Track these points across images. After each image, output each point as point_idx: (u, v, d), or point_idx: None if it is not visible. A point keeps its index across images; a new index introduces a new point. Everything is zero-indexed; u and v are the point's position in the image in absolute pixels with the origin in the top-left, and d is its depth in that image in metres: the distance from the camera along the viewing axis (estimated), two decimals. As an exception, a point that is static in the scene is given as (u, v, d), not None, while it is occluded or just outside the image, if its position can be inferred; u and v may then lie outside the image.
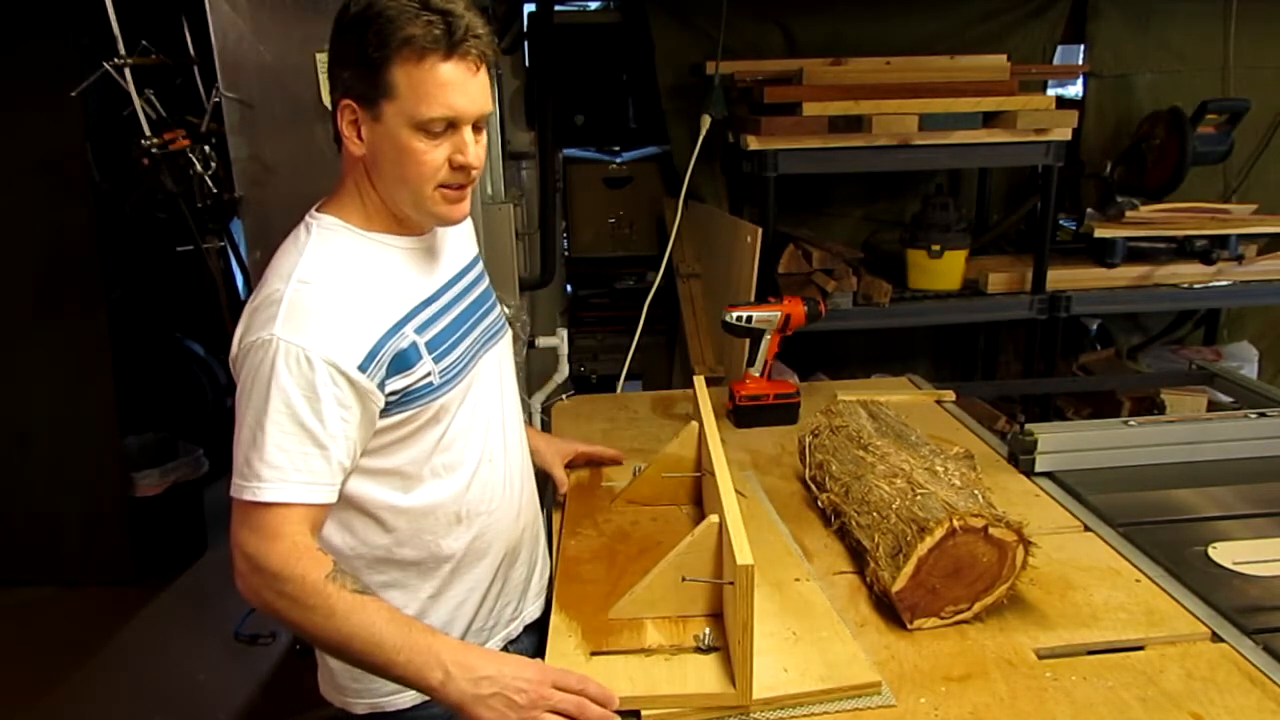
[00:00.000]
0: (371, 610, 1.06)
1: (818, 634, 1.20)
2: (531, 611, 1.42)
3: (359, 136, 1.14)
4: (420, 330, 1.18)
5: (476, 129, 1.15)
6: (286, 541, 1.06)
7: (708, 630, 1.17)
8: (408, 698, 1.26)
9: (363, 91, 1.11)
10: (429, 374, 1.17)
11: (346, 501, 1.17)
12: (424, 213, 1.18)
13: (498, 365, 1.34)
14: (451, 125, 1.12)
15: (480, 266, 1.41)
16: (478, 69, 1.12)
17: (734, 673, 1.10)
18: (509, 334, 1.41)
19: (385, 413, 1.14)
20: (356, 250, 1.17)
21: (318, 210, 1.20)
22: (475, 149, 1.14)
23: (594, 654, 1.16)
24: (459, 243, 1.34)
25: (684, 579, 1.20)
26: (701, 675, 1.12)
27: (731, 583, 1.09)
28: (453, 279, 1.29)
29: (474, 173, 1.16)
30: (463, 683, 1.03)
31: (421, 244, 1.24)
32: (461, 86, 1.11)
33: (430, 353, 1.18)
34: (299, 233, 1.19)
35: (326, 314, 1.09)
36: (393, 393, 1.14)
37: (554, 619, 1.25)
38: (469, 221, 1.32)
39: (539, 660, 1.10)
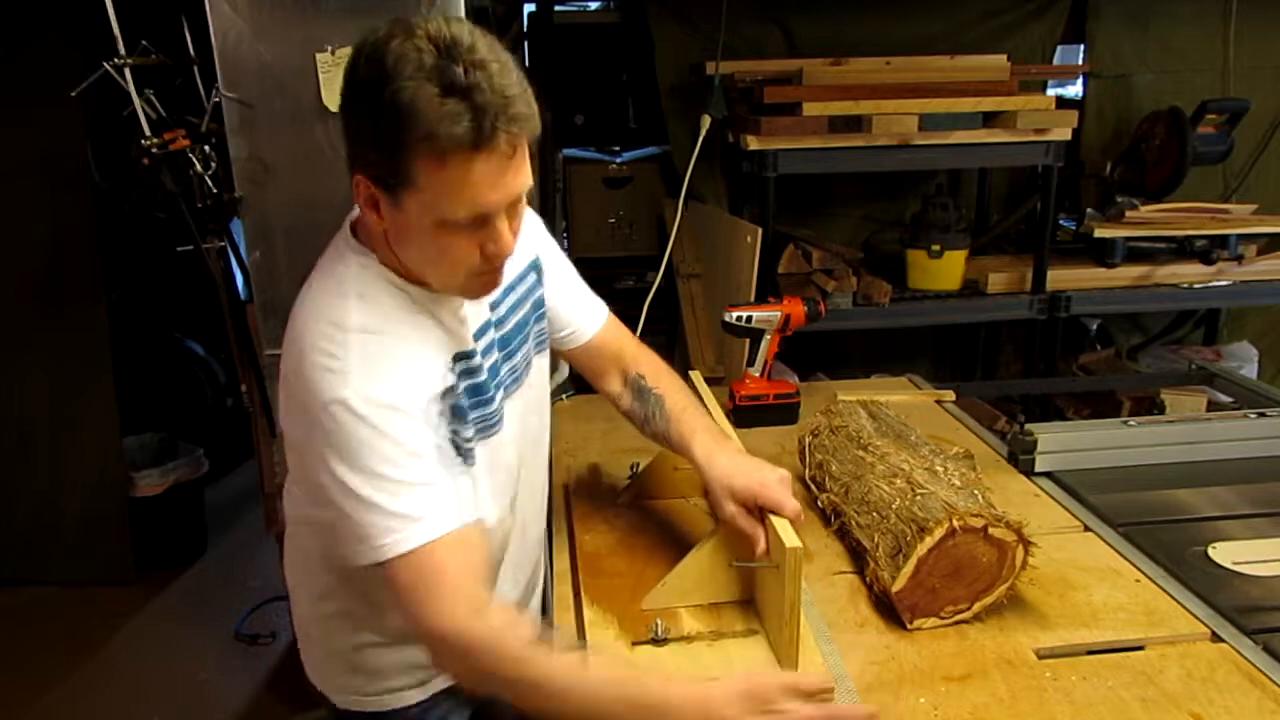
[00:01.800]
0: (590, 675, 0.98)
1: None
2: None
3: (378, 213, 1.01)
4: (463, 380, 1.11)
5: (514, 204, 1.02)
6: (448, 592, 0.99)
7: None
8: (389, 700, 1.27)
9: (379, 174, 0.97)
10: (469, 428, 1.11)
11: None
12: (453, 293, 1.09)
13: (520, 412, 1.25)
14: (482, 218, 0.99)
15: (530, 279, 1.28)
16: (514, 151, 0.96)
17: (779, 655, 1.12)
18: (536, 368, 1.30)
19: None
20: (401, 299, 1.08)
21: (354, 238, 1.10)
22: (509, 234, 1.02)
23: (635, 644, 1.18)
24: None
25: (732, 564, 1.22)
26: (746, 658, 1.14)
27: (777, 565, 1.10)
28: (484, 324, 1.18)
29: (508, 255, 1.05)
30: None
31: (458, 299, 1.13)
32: (493, 181, 0.95)
33: (471, 408, 1.12)
34: (344, 257, 1.08)
35: (396, 363, 1.03)
36: (445, 437, 1.08)
37: (587, 612, 1.26)
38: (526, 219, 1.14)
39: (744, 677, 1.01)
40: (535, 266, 1.30)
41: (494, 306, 1.21)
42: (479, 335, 1.17)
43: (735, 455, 1.27)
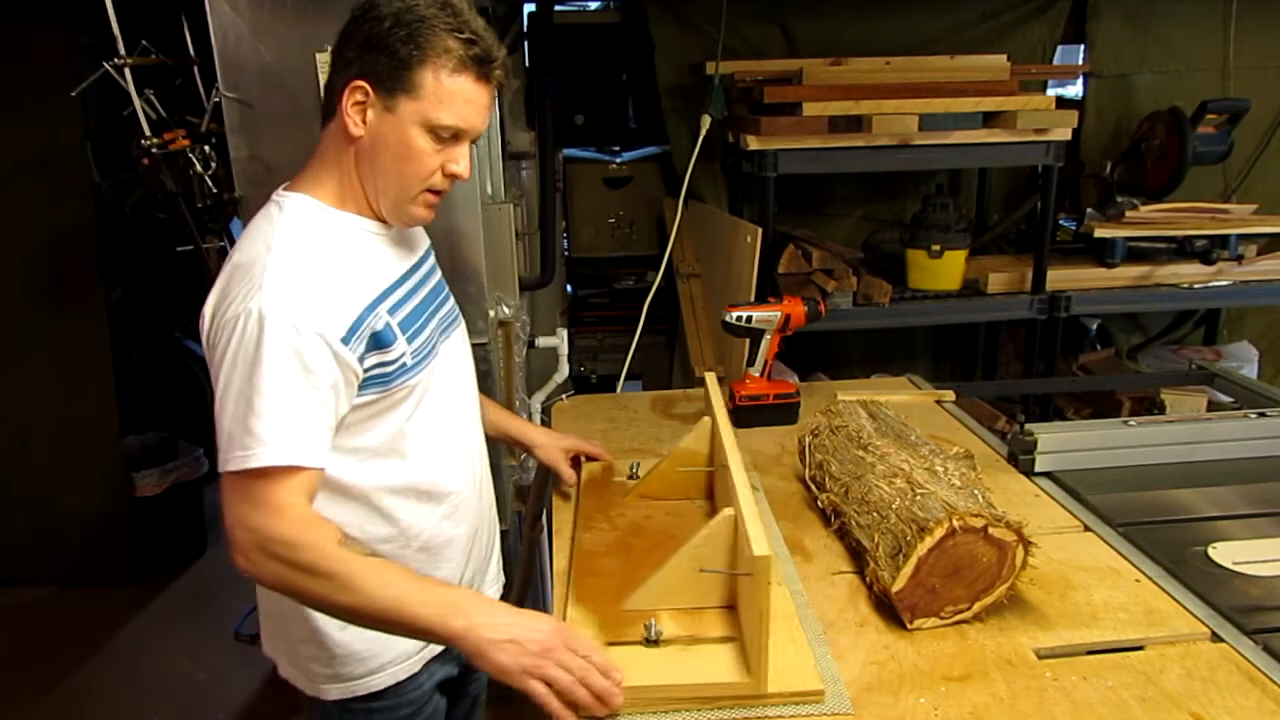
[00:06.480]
0: (391, 572, 1.09)
1: (772, 638, 1.20)
2: (491, 595, 1.47)
3: (363, 120, 1.16)
4: (392, 311, 1.20)
5: (475, 140, 1.22)
6: (292, 510, 1.07)
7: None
8: (381, 679, 1.29)
9: (383, 79, 1.14)
10: (403, 354, 1.20)
11: None
12: (400, 212, 1.23)
13: (454, 353, 1.38)
14: (456, 137, 1.19)
15: (433, 258, 1.45)
16: (493, 94, 1.21)
17: (750, 662, 1.11)
18: (463, 324, 1.46)
19: (360, 390, 1.16)
20: (330, 227, 1.20)
21: (286, 189, 1.23)
22: (468, 162, 1.22)
23: (610, 644, 1.17)
24: (416, 235, 1.39)
25: (701, 570, 1.21)
26: (718, 664, 1.13)
27: (748, 574, 1.09)
28: (415, 265, 1.34)
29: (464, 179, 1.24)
30: (483, 629, 1.06)
31: (389, 230, 1.27)
32: (479, 105, 1.19)
33: (404, 333, 1.20)
34: (269, 209, 1.20)
35: (310, 285, 1.11)
36: (369, 368, 1.16)
37: (571, 611, 1.25)
38: None
39: (555, 618, 1.12)
40: (433, 254, 1.46)
41: (425, 257, 1.39)
42: (415, 268, 1.33)
43: (543, 428, 1.74)
